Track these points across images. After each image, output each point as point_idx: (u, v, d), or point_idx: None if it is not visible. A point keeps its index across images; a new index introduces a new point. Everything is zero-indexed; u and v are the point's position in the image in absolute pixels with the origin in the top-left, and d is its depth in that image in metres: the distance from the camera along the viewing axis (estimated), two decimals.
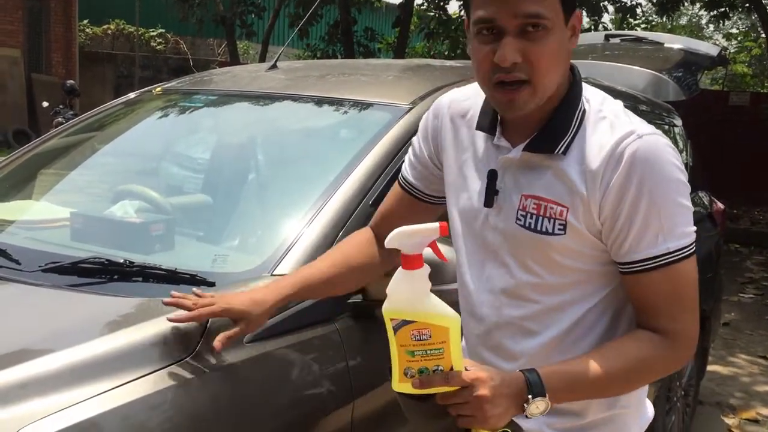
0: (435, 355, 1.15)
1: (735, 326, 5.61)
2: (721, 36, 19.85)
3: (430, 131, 1.48)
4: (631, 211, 1.23)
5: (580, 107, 1.30)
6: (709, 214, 3.76)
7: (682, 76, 4.13)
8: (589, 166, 1.24)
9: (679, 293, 1.27)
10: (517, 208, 1.31)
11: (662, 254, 1.24)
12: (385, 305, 1.16)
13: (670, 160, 1.24)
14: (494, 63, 1.21)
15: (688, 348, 1.30)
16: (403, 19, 11.45)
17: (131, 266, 1.66)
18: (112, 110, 2.74)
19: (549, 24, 1.20)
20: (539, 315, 1.34)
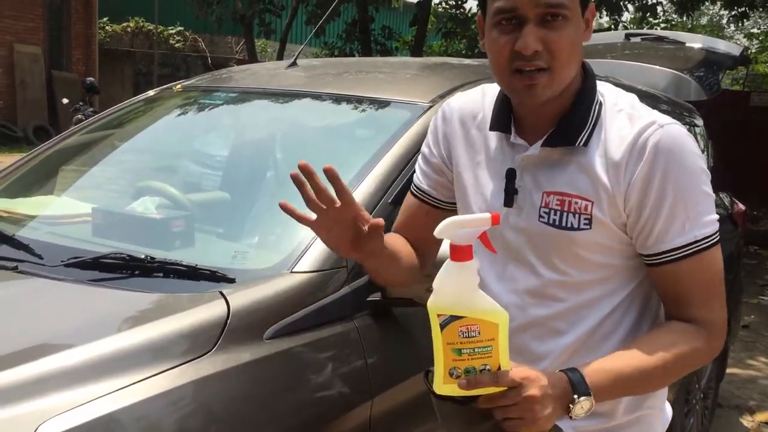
0: (483, 353, 1.11)
1: (754, 329, 5.55)
2: (742, 36, 19.65)
3: (441, 136, 1.46)
4: (657, 202, 1.23)
5: (597, 100, 1.30)
6: (729, 215, 3.73)
7: (704, 75, 4.09)
8: (612, 158, 1.24)
9: (709, 281, 1.27)
10: (539, 206, 1.30)
11: (690, 243, 1.24)
12: (432, 300, 1.12)
13: (692, 149, 1.25)
14: (514, 51, 1.22)
15: (721, 336, 1.29)
16: (421, 18, 11.43)
17: (152, 262, 1.66)
18: (133, 107, 2.76)
19: (569, 14, 1.22)
20: (566, 314, 1.33)
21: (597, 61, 4.09)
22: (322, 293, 1.64)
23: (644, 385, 1.28)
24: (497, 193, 1.35)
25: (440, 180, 1.48)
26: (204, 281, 1.62)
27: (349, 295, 1.68)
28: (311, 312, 1.59)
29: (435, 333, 1.12)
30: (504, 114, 1.35)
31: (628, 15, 13.12)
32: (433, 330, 1.12)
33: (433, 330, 1.12)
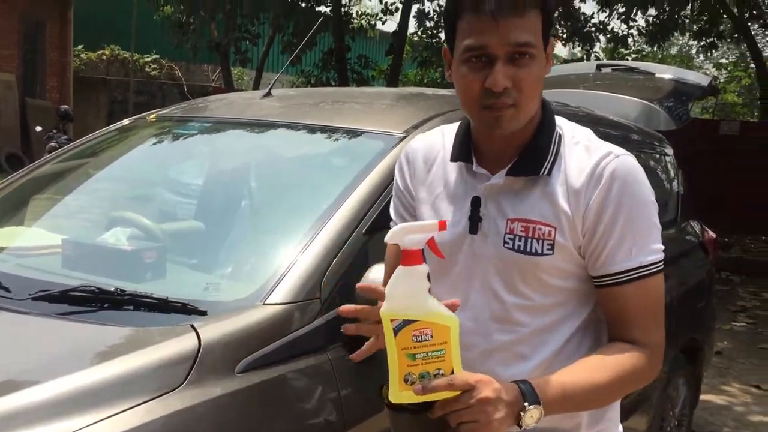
0: (436, 357, 1.13)
1: (728, 355, 5.60)
2: (711, 65, 20.09)
3: (406, 172, 1.50)
4: (609, 226, 1.31)
5: (556, 132, 1.38)
6: (700, 243, 3.77)
7: (673, 105, 4.17)
8: (573, 186, 1.32)
9: (651, 306, 1.35)
10: (504, 233, 1.35)
11: (636, 267, 1.32)
12: (384, 307, 1.15)
13: (643, 180, 1.34)
14: (484, 88, 1.28)
15: (660, 358, 1.37)
16: (397, 47, 11.55)
17: (122, 295, 1.64)
18: (106, 136, 2.74)
19: (535, 52, 1.29)
20: (529, 338, 1.37)
21: (570, 91, 4.15)
22: (295, 325, 1.63)
23: (591, 401, 1.33)
24: (460, 221, 1.39)
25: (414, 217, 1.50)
26: (175, 314, 1.60)
27: (323, 326, 1.67)
28: (284, 345, 1.58)
29: (389, 339, 1.14)
30: (465, 145, 1.41)
31: (600, 45, 13.36)
32: (386, 336, 1.14)
33: (387, 336, 1.14)
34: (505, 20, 1.25)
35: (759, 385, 4.95)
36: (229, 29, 11.66)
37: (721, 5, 10.00)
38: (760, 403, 4.64)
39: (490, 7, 1.24)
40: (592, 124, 3.02)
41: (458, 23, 1.31)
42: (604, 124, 3.18)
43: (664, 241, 1.39)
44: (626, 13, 10.78)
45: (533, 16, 1.28)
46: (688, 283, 3.44)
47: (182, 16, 11.96)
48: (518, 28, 1.26)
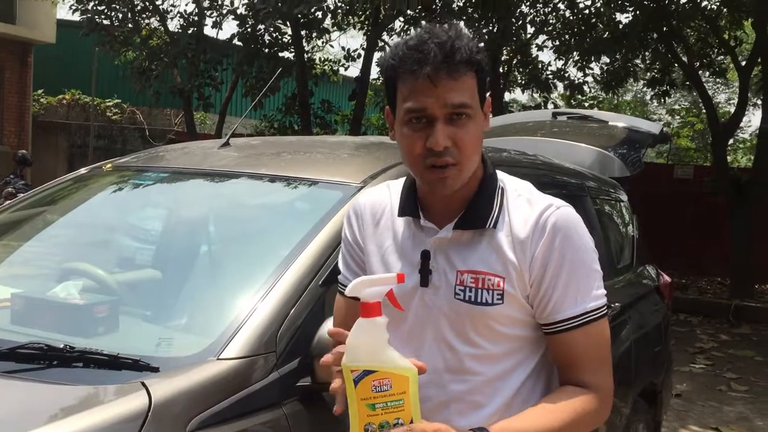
0: (395, 407, 1.16)
1: (687, 397, 5.65)
2: (664, 112, 20.68)
3: (355, 226, 1.54)
4: (554, 275, 1.37)
5: (498, 186, 1.45)
6: (656, 288, 3.83)
7: (627, 152, 4.27)
8: (518, 237, 1.39)
9: (598, 350, 1.42)
10: (454, 284, 1.40)
11: (581, 314, 1.39)
12: (345, 359, 1.18)
13: (583, 229, 1.42)
14: (426, 148, 1.34)
15: (609, 399, 1.42)
16: (359, 92, 11.68)
17: (71, 351, 1.61)
18: (62, 185, 2.71)
19: (471, 112, 1.35)
20: (483, 387, 1.41)
21: (528, 139, 4.24)
22: (250, 380, 1.60)
23: None
24: (411, 274, 1.42)
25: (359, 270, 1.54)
26: (126, 371, 1.57)
27: (278, 381, 1.65)
28: (238, 400, 1.55)
29: (349, 390, 1.17)
30: (411, 200, 1.46)
31: (558, 92, 13.69)
32: (347, 387, 1.17)
33: (347, 387, 1.17)
34: (443, 83, 1.31)
35: (718, 427, 5.00)
36: (191, 75, 11.68)
37: (672, 55, 10.35)
38: None
39: (427, 71, 1.31)
40: (550, 172, 3.12)
41: (398, 86, 1.37)
42: (561, 172, 3.25)
43: (622, 287, 1.45)
44: (581, 61, 11.09)
45: (468, 79, 1.35)
46: (645, 327, 3.48)
47: (144, 62, 11.97)
48: (454, 91, 1.33)
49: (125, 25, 12.00)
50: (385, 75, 1.40)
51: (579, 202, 2.81)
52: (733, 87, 18.52)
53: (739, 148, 19.94)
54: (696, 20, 10.36)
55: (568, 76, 11.78)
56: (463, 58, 1.33)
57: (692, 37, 11.03)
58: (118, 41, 12.08)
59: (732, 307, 8.88)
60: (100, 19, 11.70)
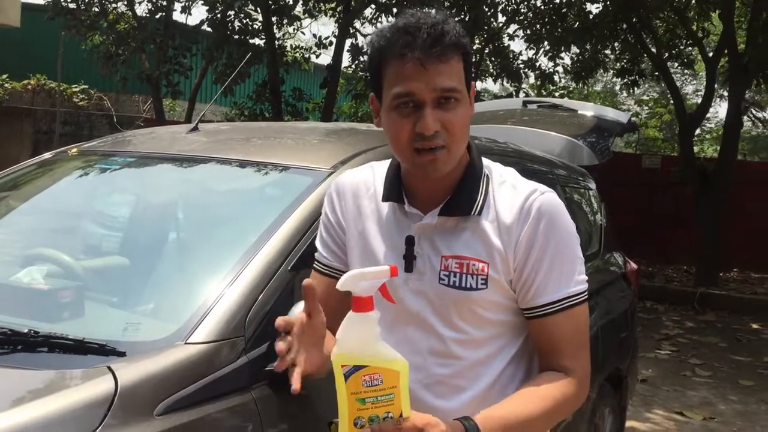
0: (385, 401, 1.15)
1: (652, 382, 5.75)
2: (633, 102, 20.91)
3: (337, 205, 1.53)
4: (538, 259, 1.38)
5: (484, 173, 1.45)
6: (623, 274, 3.89)
7: (596, 141, 4.32)
8: (504, 222, 1.39)
9: (578, 334, 1.43)
10: (439, 269, 1.40)
11: (563, 298, 1.40)
12: (335, 351, 1.17)
13: (566, 215, 1.43)
14: (415, 132, 1.33)
15: (587, 384, 1.44)
16: (331, 80, 11.62)
17: (36, 336, 1.58)
18: (26, 171, 2.66)
19: (460, 96, 1.35)
20: (466, 371, 1.42)
21: (498, 127, 4.26)
22: (217, 364, 1.59)
23: (528, 430, 1.38)
24: (396, 260, 1.42)
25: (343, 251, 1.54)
26: (92, 355, 1.55)
27: (247, 365, 1.64)
28: (206, 384, 1.54)
29: (339, 384, 1.16)
30: (395, 186, 1.45)
31: (528, 82, 13.76)
32: (337, 381, 1.16)
33: (337, 381, 1.16)
34: (431, 67, 1.30)
35: (682, 411, 5.10)
36: (159, 61, 11.52)
37: (641, 45, 10.46)
38: (682, 430, 4.78)
39: (416, 54, 1.29)
40: (520, 159, 3.14)
41: (384, 71, 1.35)
42: (531, 160, 3.27)
43: (589, 273, 1.47)
44: (552, 51, 11.15)
45: (456, 62, 1.34)
46: (612, 313, 3.53)
47: (111, 46, 11.77)
48: (444, 74, 1.31)
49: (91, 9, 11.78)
50: (370, 59, 1.38)
51: None
52: (701, 78, 18.80)
53: (706, 139, 20.27)
54: (665, 11, 10.48)
55: (539, 66, 11.85)
56: (452, 41, 1.32)
57: (661, 28, 11.15)
58: (85, 25, 11.85)
59: (697, 294, 9.05)
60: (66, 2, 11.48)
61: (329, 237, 1.55)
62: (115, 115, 15.23)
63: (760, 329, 7.98)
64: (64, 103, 15.49)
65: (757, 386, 5.82)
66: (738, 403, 5.37)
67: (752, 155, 19.83)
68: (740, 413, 5.16)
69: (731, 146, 9.80)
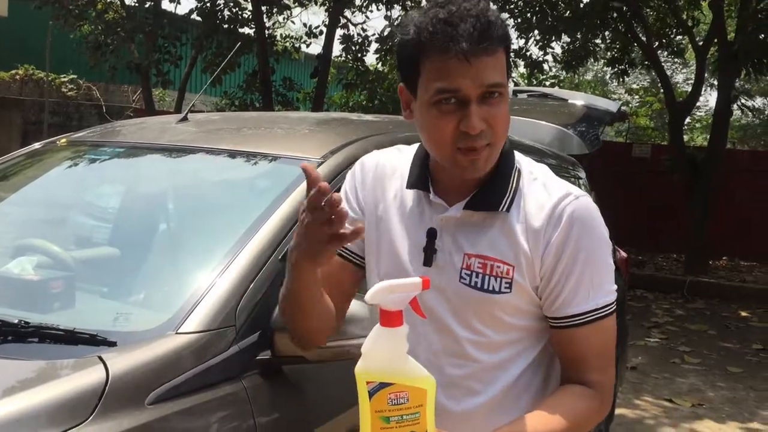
0: (411, 420, 1.10)
1: (642, 370, 5.80)
2: (623, 91, 20.94)
3: (359, 187, 1.46)
4: (567, 268, 1.30)
5: (516, 168, 1.37)
6: None
7: (585, 130, 4.33)
8: (532, 225, 1.31)
9: (605, 347, 1.36)
10: (460, 267, 1.33)
11: (592, 310, 1.32)
12: (361, 366, 1.11)
13: (601, 222, 1.35)
14: (459, 130, 1.25)
15: (610, 398, 1.38)
16: (321, 70, 11.58)
17: (26, 327, 1.58)
18: (13, 162, 2.65)
19: (503, 91, 1.27)
20: (480, 374, 1.35)
21: None
22: (208, 354, 1.60)
23: None
24: (415, 251, 1.37)
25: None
26: (83, 345, 1.55)
27: (238, 354, 1.65)
28: (197, 374, 1.55)
29: (363, 400, 1.10)
30: (422, 173, 1.38)
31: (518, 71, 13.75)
32: (360, 397, 1.10)
33: (361, 397, 1.10)
34: (477, 61, 1.22)
35: (671, 398, 5.14)
36: (149, 50, 11.45)
37: (631, 34, 10.47)
38: (671, 416, 4.82)
39: (461, 47, 1.20)
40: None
41: (423, 63, 1.26)
42: (521, 149, 3.26)
43: None
44: (542, 40, 11.15)
45: (501, 54, 1.26)
46: None
47: (100, 36, 11.68)
48: (490, 68, 1.23)
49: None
50: (403, 50, 1.28)
51: None
52: (691, 67, 18.84)
53: (696, 128, 20.33)
54: (655, 0, 10.48)
55: (530, 55, 11.84)
56: (498, 34, 1.23)
57: (651, 17, 11.16)
58: (73, 15, 11.76)
59: (687, 282, 9.10)
60: None
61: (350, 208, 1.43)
62: (105, 105, 15.14)
63: (748, 317, 8.05)
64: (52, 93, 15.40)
65: (746, 373, 5.88)
66: (726, 390, 5.43)
67: (742, 144, 19.92)
68: (729, 400, 5.21)
69: (721, 135, 9.84)
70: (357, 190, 1.46)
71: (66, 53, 15.34)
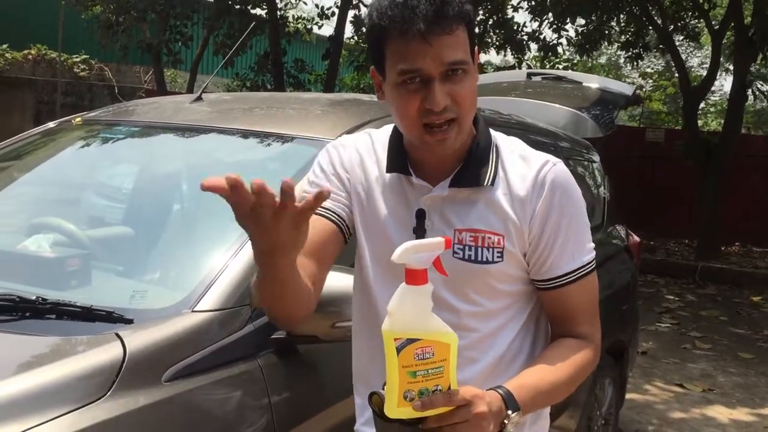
0: (435, 374, 1.15)
1: (652, 355, 5.80)
2: (637, 75, 20.76)
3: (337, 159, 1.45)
4: (554, 232, 1.38)
5: (493, 143, 1.42)
6: (626, 247, 3.90)
7: (600, 114, 4.30)
8: (518, 194, 1.37)
9: (591, 301, 1.45)
10: (452, 243, 1.37)
11: (577, 268, 1.41)
12: (388, 325, 1.14)
13: (576, 185, 1.43)
14: (423, 108, 1.29)
15: (599, 348, 1.46)
16: (333, 52, 11.54)
17: (44, 303, 1.60)
18: (30, 140, 2.66)
19: (467, 67, 1.31)
20: (478, 343, 1.41)
21: (502, 99, 4.24)
22: (224, 332, 1.61)
23: (555, 396, 1.39)
24: (405, 233, 1.39)
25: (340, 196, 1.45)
26: (100, 322, 1.56)
27: (253, 333, 1.66)
28: (213, 352, 1.56)
29: (390, 357, 1.14)
30: (400, 157, 1.42)
31: (532, 54, 13.64)
32: (387, 354, 1.14)
33: (388, 354, 1.14)
34: (436, 40, 1.25)
35: (681, 383, 5.14)
36: (161, 30, 11.43)
37: (647, 17, 10.36)
38: (681, 401, 4.82)
39: (419, 28, 1.24)
40: (524, 132, 3.13)
41: (386, 46, 1.30)
42: (535, 132, 3.26)
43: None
44: (557, 22, 11.06)
45: (461, 32, 1.29)
46: (614, 286, 3.55)
47: (112, 15, 11.67)
48: (450, 47, 1.27)
49: None
50: (369, 35, 1.34)
51: None
52: (706, 51, 18.65)
53: (710, 112, 20.16)
54: None
55: (543, 38, 11.75)
56: (455, 12, 1.27)
57: (667, 0, 11.04)
58: None
59: (698, 268, 9.07)
60: None
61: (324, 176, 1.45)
62: (117, 86, 15.16)
63: (760, 303, 8.02)
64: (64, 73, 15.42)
65: (757, 359, 5.86)
66: (737, 376, 5.42)
67: (756, 129, 19.75)
68: (739, 385, 5.20)
69: (735, 120, 9.76)
70: (336, 167, 1.45)
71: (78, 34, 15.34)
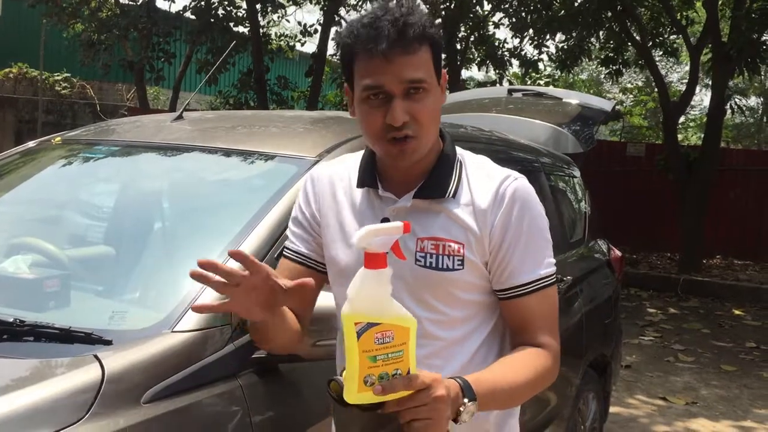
0: (395, 358, 1.16)
1: (636, 368, 5.82)
2: (618, 90, 20.97)
3: (311, 197, 1.57)
4: (512, 242, 1.44)
5: (458, 158, 1.51)
6: (607, 262, 3.92)
7: (580, 129, 4.34)
8: (480, 206, 1.45)
9: (550, 313, 1.50)
10: (415, 251, 1.44)
11: (535, 280, 1.47)
12: (347, 310, 1.16)
13: (537, 200, 1.50)
14: (386, 123, 1.38)
15: (558, 359, 1.51)
16: (316, 69, 11.59)
17: (21, 325, 1.58)
18: (8, 160, 2.64)
19: (428, 86, 1.40)
20: (441, 351, 1.46)
21: (483, 115, 4.27)
22: (204, 352, 1.60)
23: (513, 397, 1.44)
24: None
25: (315, 240, 1.57)
26: (79, 344, 1.55)
27: (233, 353, 1.65)
28: (193, 372, 1.55)
29: (350, 341, 1.15)
30: (370, 172, 1.50)
31: (512, 70, 13.76)
32: (347, 339, 1.15)
33: (348, 339, 1.15)
34: (398, 59, 1.35)
35: (665, 396, 5.16)
36: (143, 48, 11.42)
37: (626, 34, 10.49)
38: (665, 414, 4.84)
39: (382, 48, 1.34)
40: (506, 148, 3.15)
41: (355, 64, 1.40)
42: (516, 148, 3.28)
43: (574, 260, 1.50)
44: (537, 38, 11.17)
45: (423, 53, 1.38)
46: (596, 300, 3.57)
47: (94, 33, 11.66)
48: (410, 66, 1.36)
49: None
50: (341, 53, 1.43)
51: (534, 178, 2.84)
52: (686, 66, 18.89)
53: (690, 127, 20.39)
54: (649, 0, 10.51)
55: (524, 54, 11.85)
56: (416, 34, 1.36)
57: (645, 17, 11.19)
58: (67, 13, 11.74)
59: (681, 281, 9.13)
60: None
61: (302, 230, 1.58)
62: (99, 104, 15.10)
63: (742, 315, 8.08)
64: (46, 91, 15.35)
65: (739, 371, 5.90)
66: (720, 388, 5.45)
67: (735, 143, 19.98)
68: (722, 398, 5.23)
69: (715, 134, 9.87)
70: (311, 202, 1.58)
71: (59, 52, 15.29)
